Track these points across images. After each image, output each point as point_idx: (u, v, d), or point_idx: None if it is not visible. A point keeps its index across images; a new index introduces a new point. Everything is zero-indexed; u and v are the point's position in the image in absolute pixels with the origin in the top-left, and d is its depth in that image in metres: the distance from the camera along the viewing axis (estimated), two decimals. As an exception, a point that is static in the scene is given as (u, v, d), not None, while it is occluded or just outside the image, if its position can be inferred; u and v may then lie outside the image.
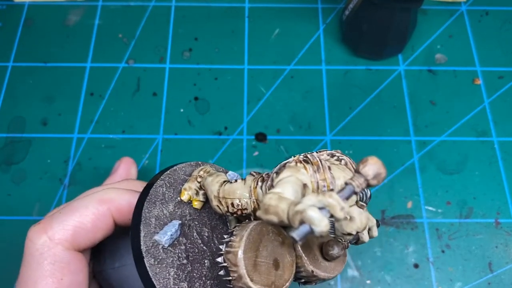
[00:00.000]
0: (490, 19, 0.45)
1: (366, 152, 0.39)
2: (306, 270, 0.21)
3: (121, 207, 0.23)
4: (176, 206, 0.23)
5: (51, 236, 0.21)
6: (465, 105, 0.41)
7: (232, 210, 0.22)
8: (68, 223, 0.22)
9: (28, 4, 0.45)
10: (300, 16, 0.45)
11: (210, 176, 0.23)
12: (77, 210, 0.22)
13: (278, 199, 0.17)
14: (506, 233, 0.36)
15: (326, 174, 0.19)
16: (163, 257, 0.21)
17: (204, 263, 0.23)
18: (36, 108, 0.40)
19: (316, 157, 0.20)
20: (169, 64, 0.42)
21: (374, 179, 0.17)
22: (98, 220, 0.22)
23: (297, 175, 0.18)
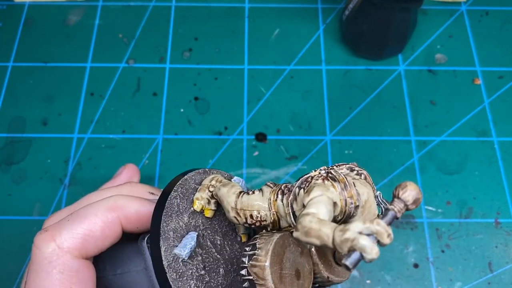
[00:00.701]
0: (490, 19, 0.45)
1: (366, 152, 0.39)
2: (322, 276, 0.22)
3: (129, 215, 0.23)
4: (190, 217, 0.23)
5: (60, 245, 0.21)
6: (465, 105, 0.41)
7: (250, 221, 0.22)
8: (77, 231, 0.21)
9: (28, 4, 0.45)
10: (300, 16, 0.45)
11: (224, 186, 0.23)
12: (86, 217, 0.22)
13: (319, 222, 0.17)
14: (506, 233, 0.36)
15: (353, 191, 0.19)
16: (183, 270, 0.21)
17: (219, 272, 0.23)
18: (36, 108, 0.40)
19: (340, 173, 0.20)
20: (169, 64, 0.42)
21: (413, 204, 0.18)
22: (107, 228, 0.22)
23: (327, 193, 0.18)
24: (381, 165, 0.38)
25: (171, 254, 0.21)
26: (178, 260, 0.21)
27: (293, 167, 0.38)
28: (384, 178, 0.38)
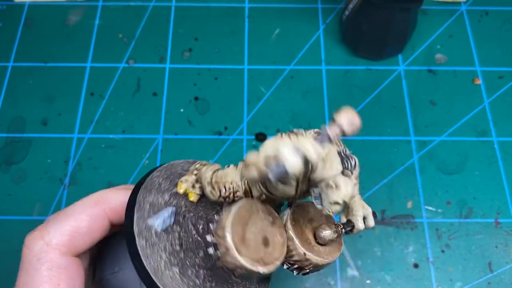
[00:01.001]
0: (490, 19, 0.45)
1: (366, 152, 0.39)
2: (298, 253, 0.21)
3: (115, 207, 0.23)
4: (172, 197, 0.23)
5: (48, 242, 0.21)
6: (465, 105, 0.41)
7: (224, 194, 0.22)
8: (64, 228, 0.22)
9: (28, 4, 0.45)
10: (300, 16, 0.45)
11: (204, 166, 0.23)
12: (72, 214, 0.22)
13: (257, 155, 0.17)
14: (506, 233, 0.36)
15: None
16: (155, 241, 0.21)
17: (198, 253, 0.23)
18: (36, 108, 0.40)
19: (301, 130, 0.20)
20: (169, 64, 0.42)
21: (349, 127, 0.18)
22: (93, 222, 0.22)
23: (278, 141, 0.18)
24: (381, 165, 0.38)
25: (144, 223, 0.21)
26: (151, 230, 0.21)
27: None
28: (384, 178, 0.38)
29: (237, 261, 0.20)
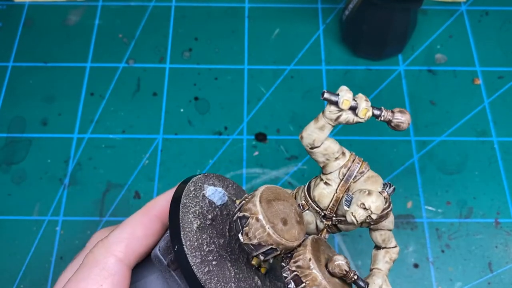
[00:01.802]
0: (490, 19, 0.45)
1: (366, 152, 0.39)
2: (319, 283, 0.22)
3: (162, 208, 0.26)
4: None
5: (107, 248, 0.24)
6: (465, 105, 0.41)
7: None
8: (122, 236, 0.24)
9: (28, 4, 0.45)
10: (300, 16, 0.45)
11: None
12: (128, 223, 0.25)
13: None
14: (506, 233, 0.36)
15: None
16: (192, 216, 0.24)
17: (223, 240, 0.24)
18: (36, 108, 0.40)
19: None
20: (169, 64, 0.42)
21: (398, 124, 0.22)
22: (147, 228, 0.25)
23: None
24: (381, 165, 0.38)
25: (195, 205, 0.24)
26: (192, 225, 0.24)
27: (293, 167, 0.38)
28: (384, 178, 0.38)
29: (266, 233, 0.21)
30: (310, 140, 0.23)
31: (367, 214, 0.20)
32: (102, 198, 0.37)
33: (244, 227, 0.21)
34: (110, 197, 0.37)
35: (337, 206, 0.22)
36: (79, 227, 0.36)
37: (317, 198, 0.23)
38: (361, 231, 0.36)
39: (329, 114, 0.22)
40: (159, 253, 0.24)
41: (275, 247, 0.21)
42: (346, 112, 0.22)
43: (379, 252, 0.24)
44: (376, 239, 0.24)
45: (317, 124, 0.23)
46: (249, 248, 0.22)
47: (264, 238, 0.21)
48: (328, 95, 0.21)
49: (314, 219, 0.23)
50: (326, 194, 0.22)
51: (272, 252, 0.21)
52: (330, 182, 0.23)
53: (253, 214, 0.21)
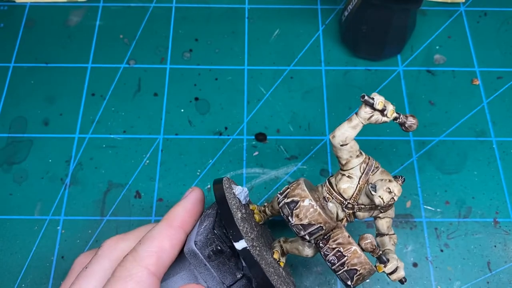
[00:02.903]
0: (488, 19, 0.45)
1: (366, 151, 0.39)
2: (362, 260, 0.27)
3: (184, 219, 0.27)
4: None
5: (139, 261, 0.25)
6: (463, 105, 0.41)
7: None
8: (151, 250, 0.25)
9: (30, 5, 0.45)
10: (300, 17, 0.45)
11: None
12: (155, 237, 0.26)
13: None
14: (504, 232, 0.36)
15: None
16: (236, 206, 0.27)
17: (255, 233, 0.28)
18: (37, 108, 0.40)
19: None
20: (170, 64, 0.43)
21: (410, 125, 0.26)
22: (173, 240, 0.26)
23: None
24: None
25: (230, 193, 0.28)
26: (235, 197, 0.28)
27: (293, 167, 0.38)
28: (384, 177, 0.38)
29: (316, 212, 0.25)
30: (343, 137, 0.26)
31: (391, 197, 0.25)
32: (103, 198, 0.37)
33: (294, 209, 0.25)
34: (111, 196, 0.37)
35: (359, 195, 0.27)
36: (80, 227, 0.36)
37: (342, 190, 0.27)
38: (360, 231, 0.36)
39: (364, 114, 0.26)
40: (195, 248, 0.26)
41: (322, 225, 0.25)
42: (377, 113, 0.26)
43: (384, 238, 0.29)
44: (382, 227, 0.29)
45: (350, 123, 0.26)
46: (298, 229, 0.25)
47: (315, 217, 0.25)
48: (367, 97, 0.25)
49: (336, 210, 0.27)
50: (350, 186, 0.27)
51: (318, 232, 0.25)
52: (353, 176, 0.27)
53: (303, 197, 0.25)
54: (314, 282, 0.34)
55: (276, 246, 0.29)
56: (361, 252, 0.26)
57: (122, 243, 0.27)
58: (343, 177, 0.27)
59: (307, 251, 0.28)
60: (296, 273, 0.34)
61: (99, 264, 0.26)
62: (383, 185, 0.25)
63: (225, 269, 0.26)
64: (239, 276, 0.26)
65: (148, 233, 0.26)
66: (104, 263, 0.26)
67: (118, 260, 0.26)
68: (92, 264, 0.26)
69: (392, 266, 0.27)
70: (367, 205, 0.27)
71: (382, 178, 0.26)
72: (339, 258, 0.26)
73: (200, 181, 0.38)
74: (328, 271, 0.35)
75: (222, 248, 0.26)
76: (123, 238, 0.27)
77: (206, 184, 0.38)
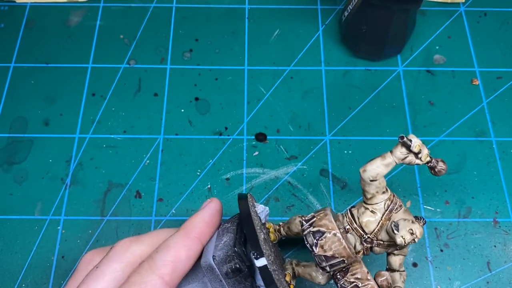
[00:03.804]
0: (488, 20, 0.45)
1: (365, 151, 0.39)
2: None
3: (202, 230, 0.27)
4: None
5: (155, 270, 0.24)
6: (463, 106, 0.41)
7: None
8: (167, 259, 0.25)
9: (30, 5, 0.45)
10: (300, 17, 0.45)
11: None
12: (172, 246, 0.26)
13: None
14: (504, 232, 0.36)
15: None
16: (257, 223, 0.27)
17: (273, 255, 0.28)
18: (38, 108, 0.40)
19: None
20: (170, 64, 0.43)
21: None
22: (190, 250, 0.26)
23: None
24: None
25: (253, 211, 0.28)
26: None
27: (293, 167, 0.38)
28: (383, 177, 0.38)
29: (341, 244, 0.25)
30: (374, 173, 0.26)
31: (413, 238, 0.25)
32: (103, 198, 0.37)
33: (319, 240, 0.25)
34: (111, 196, 0.37)
35: (380, 231, 0.27)
36: (80, 227, 0.36)
37: (364, 223, 0.27)
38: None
39: (400, 154, 0.26)
40: (213, 263, 0.26)
41: (345, 259, 0.26)
42: (411, 155, 0.26)
43: (395, 274, 0.29)
44: (395, 263, 0.29)
45: (384, 161, 0.27)
46: (320, 259, 0.26)
47: (340, 250, 0.25)
48: (406, 138, 0.26)
49: (354, 241, 0.28)
50: (372, 221, 0.27)
51: (339, 264, 0.26)
52: (376, 211, 0.27)
53: (330, 229, 0.25)
54: (315, 283, 0.34)
55: (288, 269, 0.29)
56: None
57: (135, 246, 0.27)
58: (366, 211, 0.27)
59: (320, 278, 0.28)
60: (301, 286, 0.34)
61: (109, 266, 0.26)
62: (406, 226, 0.25)
63: (240, 287, 0.26)
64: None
65: (165, 241, 0.26)
66: (115, 266, 0.26)
67: (130, 263, 0.26)
68: (102, 264, 0.26)
69: None
70: (385, 242, 0.27)
71: (405, 217, 0.27)
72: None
73: (200, 181, 0.38)
74: (328, 271, 0.35)
75: (241, 267, 0.26)
76: (136, 241, 0.27)
77: (206, 184, 0.38)
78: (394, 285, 0.29)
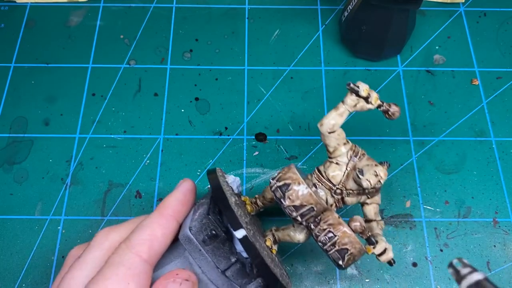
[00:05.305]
0: (488, 20, 0.45)
1: (366, 151, 0.39)
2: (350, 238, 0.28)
3: (177, 208, 0.28)
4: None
5: (131, 249, 0.25)
6: (463, 106, 0.41)
7: None
8: (143, 238, 0.26)
9: (30, 5, 0.45)
10: (300, 17, 0.45)
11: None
12: (148, 226, 0.27)
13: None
14: (504, 232, 0.36)
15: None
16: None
17: (248, 219, 0.29)
18: (38, 108, 0.40)
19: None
20: (170, 64, 0.43)
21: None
22: (165, 228, 0.27)
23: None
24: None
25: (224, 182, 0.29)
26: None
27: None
28: (383, 177, 0.38)
29: (308, 193, 0.26)
30: (331, 125, 0.28)
31: (378, 180, 0.26)
32: (103, 198, 0.37)
33: (286, 191, 0.26)
34: (111, 196, 0.37)
35: (348, 181, 0.28)
36: (80, 226, 0.36)
37: (331, 176, 0.28)
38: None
39: (350, 101, 0.27)
40: (190, 234, 0.27)
41: (314, 206, 0.26)
42: (362, 101, 0.27)
43: (372, 223, 0.29)
44: (369, 212, 0.30)
45: (337, 111, 0.28)
46: (290, 210, 0.26)
47: (307, 198, 0.26)
48: (352, 85, 0.27)
49: (325, 196, 0.28)
50: (339, 173, 0.28)
51: (309, 213, 0.27)
52: (340, 163, 0.28)
53: (295, 180, 0.26)
54: (314, 282, 0.34)
55: (269, 235, 0.30)
56: (351, 232, 0.26)
57: (113, 233, 0.28)
58: (331, 164, 0.28)
59: (298, 236, 0.29)
60: (296, 273, 0.35)
61: (91, 254, 0.27)
62: (370, 169, 0.27)
63: (219, 253, 0.27)
64: (233, 260, 0.27)
65: (140, 223, 0.27)
66: (95, 253, 0.27)
67: (110, 249, 0.27)
68: (84, 254, 0.27)
69: (381, 248, 0.28)
70: (355, 190, 0.28)
71: (368, 163, 0.28)
72: (330, 238, 0.26)
73: (200, 181, 0.38)
74: (328, 271, 0.35)
75: (217, 232, 0.27)
76: (114, 228, 0.28)
77: (207, 184, 0.38)
78: (372, 232, 0.29)
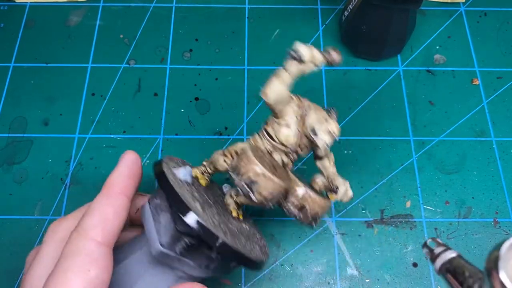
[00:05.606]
0: (488, 19, 0.45)
1: (366, 151, 0.39)
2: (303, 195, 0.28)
3: (124, 184, 0.27)
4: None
5: (85, 235, 0.24)
6: (463, 105, 0.41)
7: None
8: (94, 221, 0.25)
9: (30, 5, 0.45)
10: (300, 17, 0.45)
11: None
12: (96, 208, 0.25)
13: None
14: (504, 232, 0.36)
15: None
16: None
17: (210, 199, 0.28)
18: (37, 108, 0.40)
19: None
20: (170, 64, 0.43)
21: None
22: (116, 207, 0.26)
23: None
24: (380, 165, 0.38)
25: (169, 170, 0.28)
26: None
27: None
28: (383, 178, 0.38)
29: (274, 183, 0.25)
30: (276, 95, 0.27)
31: (333, 138, 0.26)
32: (103, 198, 0.37)
33: (253, 188, 0.25)
34: (111, 196, 0.37)
35: (301, 139, 0.27)
36: (80, 227, 0.36)
37: (284, 139, 0.27)
38: (360, 231, 0.36)
39: (293, 68, 0.27)
40: (164, 250, 0.26)
41: (283, 191, 0.26)
42: (302, 64, 0.27)
43: (323, 160, 0.29)
44: (323, 162, 0.29)
45: (280, 78, 0.27)
46: (262, 204, 0.26)
47: (276, 187, 0.25)
48: (293, 52, 0.26)
49: (280, 158, 0.28)
50: (290, 134, 0.27)
51: (279, 196, 0.26)
52: (290, 124, 0.27)
53: (259, 173, 0.25)
54: (314, 282, 0.34)
55: (230, 203, 0.29)
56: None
57: (64, 223, 0.27)
58: (281, 127, 0.27)
59: None
60: (295, 273, 0.35)
61: (45, 249, 0.26)
62: (322, 128, 0.26)
63: (198, 254, 0.26)
64: (214, 256, 0.26)
65: (89, 207, 0.26)
66: (50, 247, 0.26)
67: (63, 239, 0.26)
68: (40, 250, 0.26)
69: (343, 191, 0.28)
70: (308, 145, 0.28)
71: (317, 116, 0.27)
72: (300, 208, 0.27)
73: (200, 181, 0.38)
74: (328, 271, 0.35)
75: (192, 241, 0.26)
76: (64, 218, 0.27)
77: (206, 184, 0.38)
78: (326, 171, 0.29)
